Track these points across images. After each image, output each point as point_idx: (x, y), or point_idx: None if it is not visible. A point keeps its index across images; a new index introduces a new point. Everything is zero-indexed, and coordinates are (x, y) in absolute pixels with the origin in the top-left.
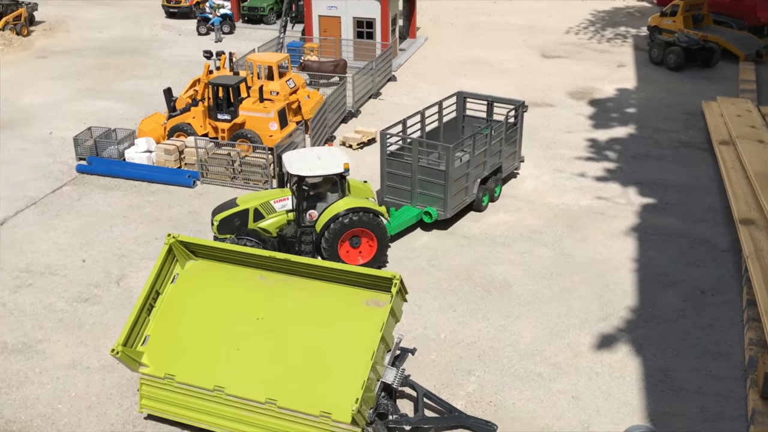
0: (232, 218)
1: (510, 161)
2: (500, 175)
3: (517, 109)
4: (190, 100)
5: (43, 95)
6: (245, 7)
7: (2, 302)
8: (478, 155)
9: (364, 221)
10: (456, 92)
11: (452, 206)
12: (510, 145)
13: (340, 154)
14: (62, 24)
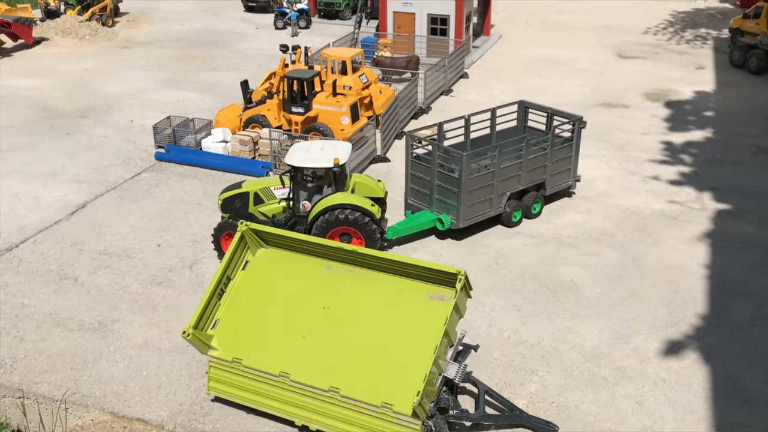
0: (234, 199)
1: (558, 179)
2: (542, 192)
3: (574, 125)
4: (265, 93)
5: (125, 84)
6: (322, 3)
7: (81, 282)
8: (509, 167)
9: (350, 219)
10: (518, 101)
11: (467, 216)
12: (559, 162)
13: (343, 149)
14: (145, 15)
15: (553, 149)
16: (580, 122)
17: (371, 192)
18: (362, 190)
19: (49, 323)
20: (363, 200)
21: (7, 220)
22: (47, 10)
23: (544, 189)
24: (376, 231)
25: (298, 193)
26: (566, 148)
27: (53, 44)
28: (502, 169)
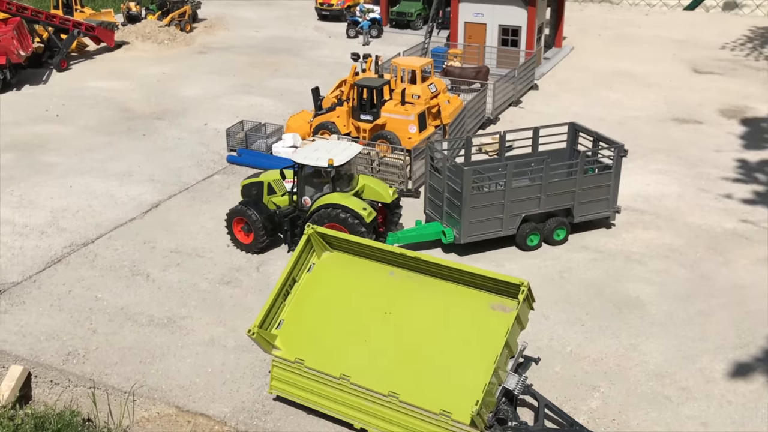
0: (252, 186)
1: (590, 207)
2: (569, 219)
3: (617, 153)
4: (335, 100)
5: (200, 88)
6: (394, 12)
7: (152, 278)
8: (525, 188)
9: (340, 218)
10: (569, 122)
11: (470, 232)
12: (592, 189)
13: (347, 152)
14: (222, 22)
15: (583, 175)
16: (621, 150)
17: (377, 196)
18: (369, 193)
19: (121, 317)
20: (356, 202)
21: (84, 217)
22: (129, 15)
23: (571, 216)
24: (364, 234)
25: (301, 189)
26: (603, 175)
27: (133, 48)
28: (514, 189)
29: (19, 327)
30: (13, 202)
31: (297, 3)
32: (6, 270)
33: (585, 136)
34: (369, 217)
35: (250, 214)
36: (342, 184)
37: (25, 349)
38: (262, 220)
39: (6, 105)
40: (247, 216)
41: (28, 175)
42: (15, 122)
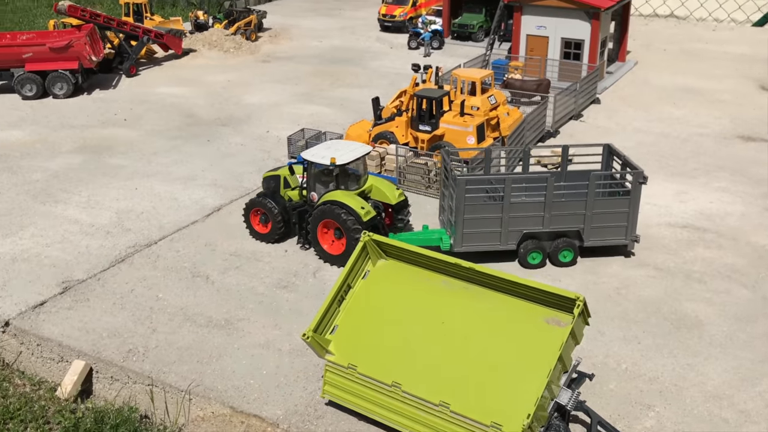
0: (271, 179)
1: (604, 233)
2: (577, 243)
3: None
4: (395, 110)
5: (263, 96)
6: (456, 24)
7: (212, 280)
8: (527, 205)
9: (335, 214)
10: (604, 144)
11: (464, 242)
12: (606, 215)
13: (354, 152)
14: (286, 32)
15: (594, 198)
16: (640, 177)
17: (383, 197)
18: (376, 194)
19: (180, 317)
20: (357, 201)
21: (148, 218)
22: (197, 24)
23: (580, 240)
24: (358, 231)
25: (310, 184)
26: (618, 201)
27: (200, 56)
28: (514, 204)
29: (83, 323)
30: (82, 202)
31: (360, 14)
32: (72, 268)
33: (616, 159)
34: (366, 216)
35: (270, 206)
36: (348, 182)
37: (88, 345)
38: (280, 211)
39: (77, 108)
40: (266, 207)
41: (96, 176)
42: (85, 125)
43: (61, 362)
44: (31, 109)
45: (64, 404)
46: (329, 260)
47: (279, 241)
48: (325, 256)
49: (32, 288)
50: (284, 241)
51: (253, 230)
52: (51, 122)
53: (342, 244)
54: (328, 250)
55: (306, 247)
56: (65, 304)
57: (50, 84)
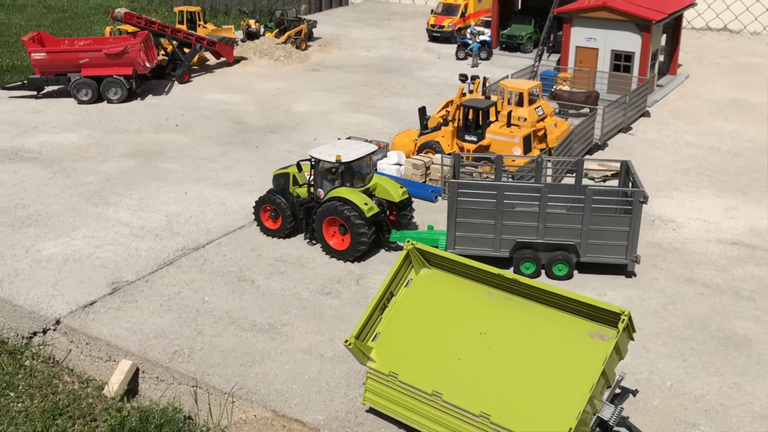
0: (281, 177)
1: (603, 250)
2: (573, 257)
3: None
4: (441, 120)
5: (312, 104)
6: (504, 35)
7: (257, 285)
8: (519, 214)
9: (339, 211)
10: (622, 161)
11: (457, 245)
12: (605, 232)
13: (358, 150)
14: (336, 41)
15: (592, 214)
16: (641, 196)
17: (386, 195)
18: (380, 192)
19: (225, 320)
20: (360, 198)
21: (196, 222)
22: (248, 32)
23: (576, 255)
24: (361, 226)
25: (318, 181)
26: (617, 219)
27: (251, 63)
28: (507, 212)
29: (131, 324)
30: (133, 205)
31: (410, 24)
32: (122, 269)
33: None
34: (369, 212)
35: (279, 202)
36: (353, 180)
37: (135, 345)
38: (290, 207)
39: (130, 113)
40: (275, 203)
41: (147, 180)
42: (138, 130)
43: (108, 361)
44: (86, 113)
45: (111, 403)
46: (334, 255)
47: (288, 236)
48: (330, 251)
49: (83, 288)
50: (293, 236)
51: (263, 226)
52: (105, 126)
53: (346, 240)
54: (333, 246)
55: (313, 243)
56: (114, 304)
57: (105, 89)
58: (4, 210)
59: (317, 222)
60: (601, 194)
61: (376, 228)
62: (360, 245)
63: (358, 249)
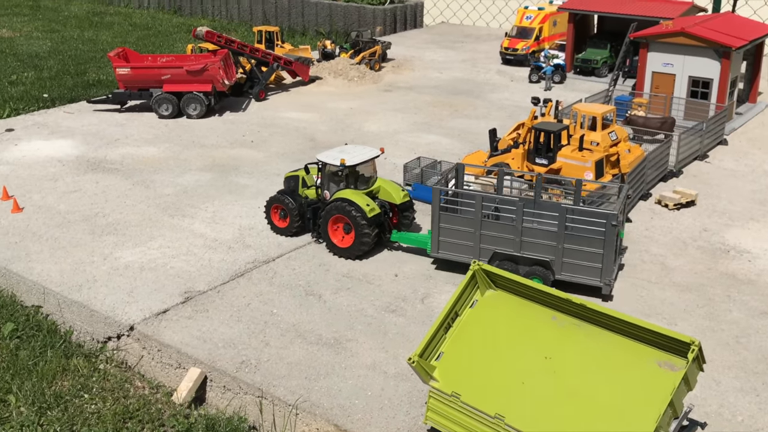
0: (290, 179)
1: (577, 270)
2: (549, 274)
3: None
4: (511, 142)
5: (383, 124)
6: (579, 59)
7: (324, 300)
8: (496, 225)
9: (345, 210)
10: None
11: (440, 249)
12: (579, 252)
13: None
14: (409, 63)
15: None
16: (615, 220)
17: (388, 197)
18: (382, 194)
19: (292, 333)
20: (363, 199)
21: (268, 236)
22: (324, 52)
23: (550, 272)
24: (365, 227)
25: (324, 184)
26: (589, 240)
27: (325, 83)
28: (485, 222)
29: (201, 332)
30: (207, 217)
31: (482, 47)
32: (195, 279)
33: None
34: (370, 213)
35: (287, 202)
36: (357, 182)
37: (204, 354)
38: (297, 207)
39: (208, 129)
40: (284, 203)
41: (222, 194)
42: (215, 145)
43: (178, 368)
44: (166, 128)
45: (179, 409)
46: (338, 253)
47: (295, 235)
48: (334, 248)
49: (157, 296)
50: (300, 235)
51: (273, 225)
52: (183, 140)
53: (347, 239)
54: (336, 244)
55: (319, 241)
56: (186, 313)
57: (185, 104)
58: (85, 218)
59: (323, 221)
60: (575, 214)
61: (379, 228)
62: (363, 244)
63: (361, 248)
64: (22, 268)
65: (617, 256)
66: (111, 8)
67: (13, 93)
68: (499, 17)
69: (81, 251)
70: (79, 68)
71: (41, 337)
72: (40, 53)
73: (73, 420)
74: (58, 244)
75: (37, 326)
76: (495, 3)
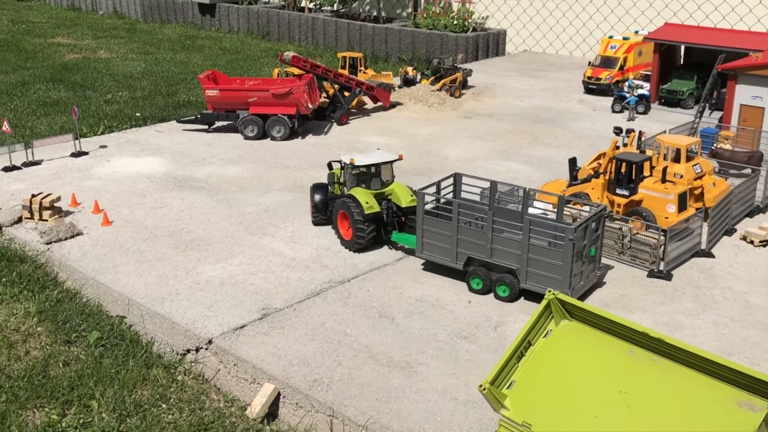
0: (331, 175)
1: (541, 280)
2: (516, 282)
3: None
4: (591, 172)
5: (462, 150)
6: (664, 90)
7: (396, 322)
8: (469, 231)
9: (347, 207)
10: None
11: (424, 250)
12: (543, 263)
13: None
14: (489, 90)
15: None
16: (571, 233)
17: (396, 199)
18: (394, 197)
19: (364, 354)
20: (366, 197)
21: (344, 257)
22: (405, 79)
23: (516, 279)
24: (360, 222)
25: (346, 181)
26: (550, 251)
27: (405, 109)
28: (461, 227)
29: (276, 349)
30: (287, 237)
31: (565, 76)
32: (272, 296)
33: None
34: (367, 210)
35: (313, 195)
36: (370, 182)
37: (278, 370)
38: (320, 201)
39: (291, 151)
40: (311, 196)
41: (302, 214)
42: (297, 166)
43: (253, 383)
44: (251, 149)
45: (252, 424)
46: (343, 244)
47: (316, 224)
48: (341, 239)
49: (235, 311)
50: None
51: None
52: (267, 161)
53: (351, 233)
54: (343, 236)
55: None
56: (262, 329)
57: (269, 126)
58: (170, 233)
59: (334, 214)
60: (539, 225)
61: (377, 226)
62: (358, 239)
63: (357, 242)
64: (109, 279)
65: (588, 271)
66: (202, 32)
67: (107, 111)
68: (583, 46)
69: (165, 265)
70: (171, 89)
71: (124, 346)
72: (135, 74)
73: (151, 429)
74: (143, 257)
75: (120, 336)
76: (579, 32)
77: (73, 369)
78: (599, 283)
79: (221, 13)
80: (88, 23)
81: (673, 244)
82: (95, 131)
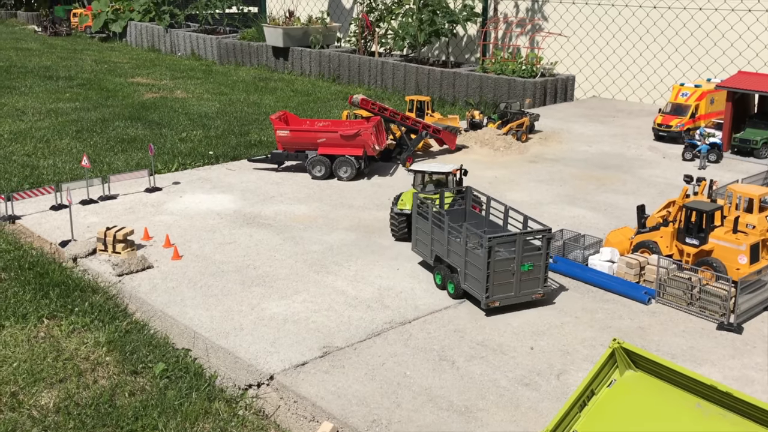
0: None
1: (471, 282)
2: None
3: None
4: (660, 220)
5: (526, 194)
6: (737, 139)
7: (457, 366)
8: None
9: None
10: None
11: (416, 247)
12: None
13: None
14: (556, 135)
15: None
16: (485, 241)
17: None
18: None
19: (423, 397)
20: (407, 197)
21: (406, 298)
22: (472, 122)
23: (456, 273)
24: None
25: None
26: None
27: (471, 152)
28: (433, 227)
29: (336, 388)
30: (350, 276)
31: (634, 122)
32: (334, 335)
33: None
34: (399, 206)
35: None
36: (424, 187)
37: (338, 409)
38: None
39: (356, 191)
40: None
41: (365, 254)
42: (362, 206)
43: (312, 421)
44: (317, 188)
45: None
46: None
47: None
48: None
49: (297, 348)
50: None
51: None
52: (333, 201)
53: None
54: None
55: None
56: (323, 367)
57: (336, 167)
58: (237, 269)
59: None
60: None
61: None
62: (391, 229)
63: (392, 231)
64: (176, 312)
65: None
66: (275, 74)
67: (182, 149)
68: (653, 93)
69: (231, 300)
70: (243, 129)
71: (188, 379)
72: (209, 113)
73: None
74: (210, 291)
75: (185, 368)
76: (649, 79)
77: (138, 399)
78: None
79: (294, 56)
80: (166, 64)
81: (744, 296)
82: (169, 168)
